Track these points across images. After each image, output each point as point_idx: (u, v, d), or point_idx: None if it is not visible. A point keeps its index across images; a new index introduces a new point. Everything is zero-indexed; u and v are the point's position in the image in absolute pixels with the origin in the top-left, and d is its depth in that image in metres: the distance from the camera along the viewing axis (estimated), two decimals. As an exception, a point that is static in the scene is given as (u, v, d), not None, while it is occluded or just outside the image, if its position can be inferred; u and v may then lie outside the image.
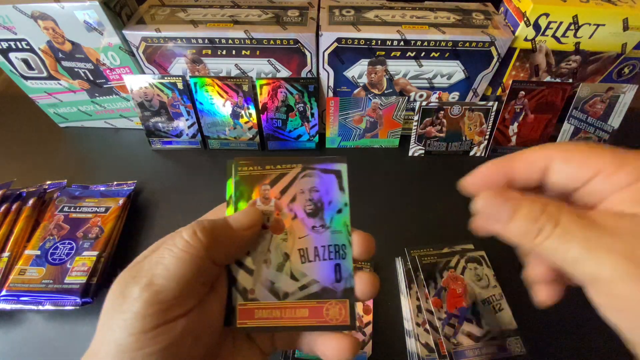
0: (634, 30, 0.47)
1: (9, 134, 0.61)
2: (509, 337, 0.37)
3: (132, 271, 0.18)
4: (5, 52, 0.49)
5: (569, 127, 0.56)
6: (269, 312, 0.21)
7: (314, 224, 0.22)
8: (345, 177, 0.22)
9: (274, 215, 0.22)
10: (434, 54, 0.48)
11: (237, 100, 0.53)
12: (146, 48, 0.48)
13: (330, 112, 0.55)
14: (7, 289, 0.39)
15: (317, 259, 0.21)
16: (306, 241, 0.22)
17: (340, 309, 0.21)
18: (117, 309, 0.17)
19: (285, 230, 0.22)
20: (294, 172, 0.22)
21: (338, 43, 0.47)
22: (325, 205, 0.22)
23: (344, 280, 0.21)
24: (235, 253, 0.21)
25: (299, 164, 0.22)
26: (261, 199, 0.22)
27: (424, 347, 0.37)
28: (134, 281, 0.17)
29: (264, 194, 0.22)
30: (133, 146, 0.59)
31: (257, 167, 0.22)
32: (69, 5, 0.43)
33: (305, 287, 0.21)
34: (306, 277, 0.21)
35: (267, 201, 0.22)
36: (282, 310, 0.21)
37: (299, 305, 0.21)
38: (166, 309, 0.17)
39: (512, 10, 0.49)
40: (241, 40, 0.47)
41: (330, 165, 0.22)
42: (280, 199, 0.22)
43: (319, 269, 0.21)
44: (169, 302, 0.17)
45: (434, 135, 0.57)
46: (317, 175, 0.22)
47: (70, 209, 0.46)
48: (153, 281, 0.17)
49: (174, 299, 0.17)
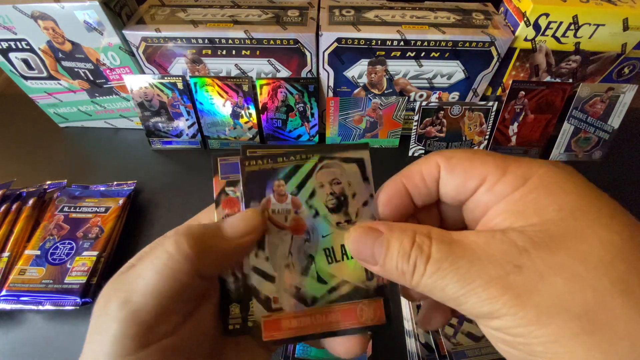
0: (634, 30, 0.47)
1: (9, 134, 0.61)
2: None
3: (116, 282, 0.16)
4: (5, 52, 0.49)
5: (569, 127, 0.56)
6: (298, 320, 0.19)
7: (338, 220, 0.20)
8: (369, 165, 0.20)
9: (292, 214, 0.20)
10: (434, 54, 0.48)
11: (237, 100, 0.53)
12: (146, 48, 0.48)
13: (330, 112, 0.55)
14: (7, 289, 0.39)
15: (345, 258, 0.20)
16: (331, 239, 0.20)
17: (375, 309, 0.19)
18: (97, 328, 0.15)
19: (307, 229, 0.20)
20: (310, 164, 0.20)
21: (338, 43, 0.47)
22: (349, 198, 0.20)
23: (375, 277, 0.20)
24: (229, 264, 0.19)
25: (316, 154, 0.20)
26: (275, 197, 0.19)
27: (423, 347, 0.37)
28: (115, 296, 0.15)
29: (279, 190, 0.19)
30: (133, 146, 0.59)
31: (267, 160, 0.19)
32: (69, 5, 0.43)
33: (334, 289, 0.20)
34: (335, 278, 0.19)
35: (282, 198, 0.20)
36: (313, 317, 0.19)
37: (331, 310, 0.19)
38: (147, 329, 0.15)
39: (512, 10, 0.49)
40: (241, 40, 0.47)
41: (351, 153, 0.20)
42: (297, 195, 0.20)
43: (348, 268, 0.20)
44: (148, 322, 0.15)
45: (434, 135, 0.57)
46: (337, 166, 0.20)
47: (70, 209, 0.46)
48: (131, 298, 0.15)
49: (154, 318, 0.15)
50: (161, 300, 0.15)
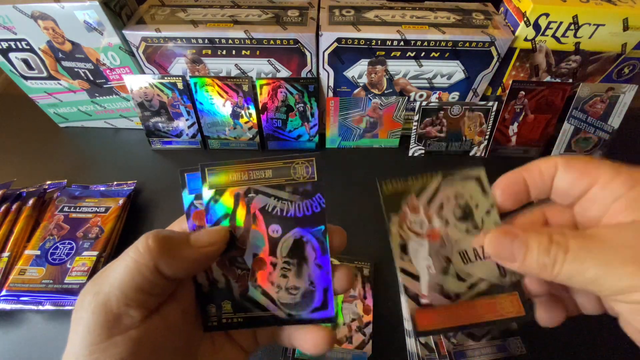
0: (634, 30, 0.47)
1: (9, 134, 0.61)
2: (509, 337, 0.37)
3: (93, 279, 0.18)
4: (5, 52, 0.49)
5: (569, 127, 0.56)
6: (447, 314, 0.22)
7: (467, 227, 0.23)
8: (486, 180, 0.23)
9: (426, 224, 0.23)
10: (434, 54, 0.48)
11: (237, 100, 0.53)
12: (146, 48, 0.48)
13: (330, 112, 0.55)
14: (7, 289, 0.39)
15: (478, 259, 0.22)
16: (464, 244, 0.23)
17: (512, 302, 0.22)
18: (75, 320, 0.17)
19: (441, 236, 0.23)
20: (435, 183, 0.23)
21: (338, 43, 0.47)
22: (472, 209, 0.23)
23: (509, 274, 0.22)
24: (195, 269, 0.20)
25: (438, 175, 0.23)
26: (410, 210, 0.23)
27: (423, 347, 0.37)
28: (90, 290, 0.17)
29: (413, 205, 0.23)
30: (133, 146, 0.59)
31: (400, 182, 0.23)
32: (69, 5, 0.43)
33: (473, 285, 0.22)
34: (472, 276, 0.22)
35: (416, 211, 0.23)
36: (458, 311, 0.22)
37: (473, 304, 0.22)
38: (114, 318, 0.16)
39: (512, 10, 0.49)
40: (241, 40, 0.47)
41: (468, 172, 0.23)
42: (428, 209, 0.23)
43: (482, 267, 0.22)
44: (116, 312, 0.16)
45: (434, 135, 0.57)
46: (458, 183, 0.23)
47: (70, 209, 0.46)
48: (101, 290, 0.17)
49: (120, 308, 0.17)
50: (127, 291, 0.17)
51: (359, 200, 0.50)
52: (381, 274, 0.44)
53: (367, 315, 0.40)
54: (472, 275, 0.22)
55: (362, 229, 0.46)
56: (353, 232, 0.47)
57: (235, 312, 0.21)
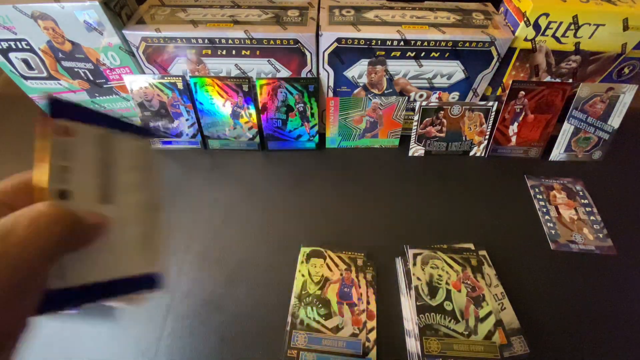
0: (634, 30, 0.47)
1: (9, 134, 0.61)
2: (512, 336, 0.37)
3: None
4: (5, 52, 0.49)
5: (569, 127, 0.56)
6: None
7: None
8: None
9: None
10: (434, 54, 0.48)
11: (237, 100, 0.53)
12: (146, 48, 0.48)
13: (330, 112, 0.55)
14: None
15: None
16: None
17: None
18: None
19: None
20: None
21: (338, 43, 0.47)
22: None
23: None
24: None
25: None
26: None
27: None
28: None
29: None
30: (133, 146, 0.59)
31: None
32: (69, 5, 0.43)
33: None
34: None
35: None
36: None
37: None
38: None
39: (512, 10, 0.49)
40: (241, 40, 0.47)
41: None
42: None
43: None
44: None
45: (434, 135, 0.57)
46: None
47: (70, 209, 0.45)
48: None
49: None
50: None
51: (358, 200, 0.51)
52: (381, 273, 0.44)
53: (370, 321, 0.40)
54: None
55: (362, 229, 0.47)
56: (351, 228, 0.47)
57: None
